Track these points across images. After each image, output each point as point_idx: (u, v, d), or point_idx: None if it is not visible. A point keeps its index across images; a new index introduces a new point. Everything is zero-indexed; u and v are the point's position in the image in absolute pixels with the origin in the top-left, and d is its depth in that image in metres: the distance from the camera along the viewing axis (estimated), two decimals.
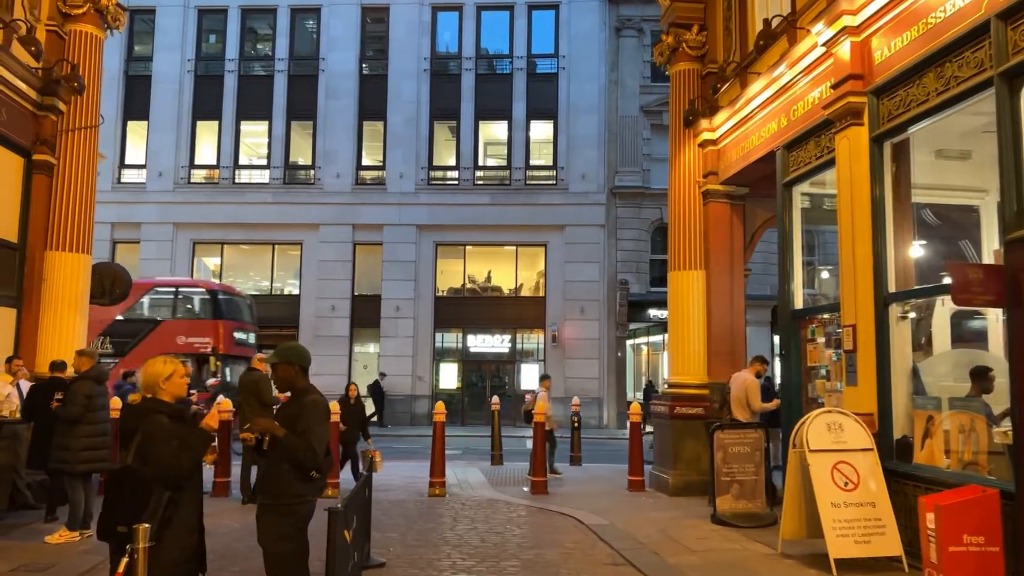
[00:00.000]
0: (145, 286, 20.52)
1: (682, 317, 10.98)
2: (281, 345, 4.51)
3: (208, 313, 19.94)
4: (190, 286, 21.29)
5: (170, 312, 20.09)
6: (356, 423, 10.95)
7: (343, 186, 25.67)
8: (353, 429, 10.89)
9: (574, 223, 24.96)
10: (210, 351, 19.45)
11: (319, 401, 4.33)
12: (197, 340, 19.44)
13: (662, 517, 8.92)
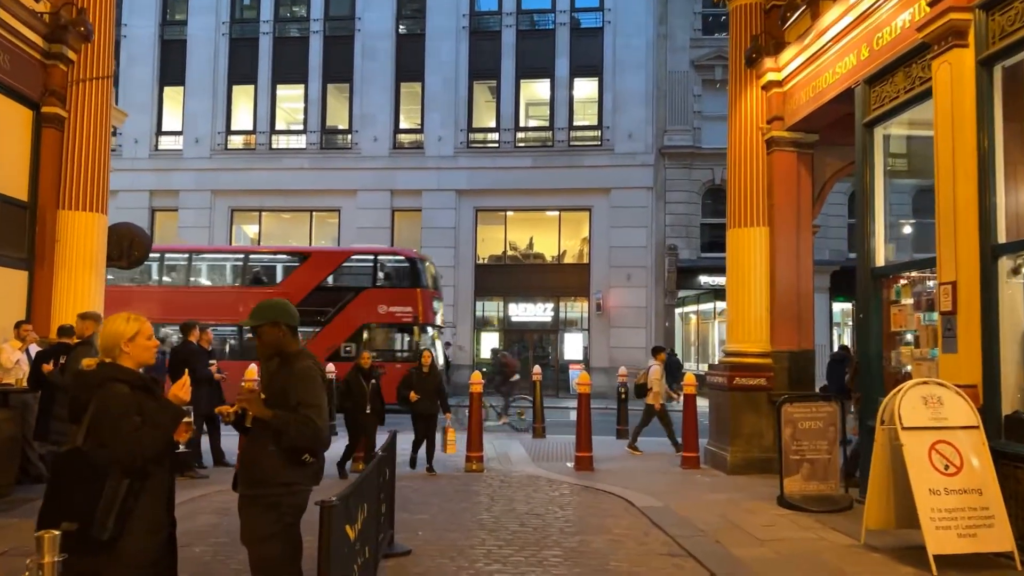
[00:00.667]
0: (343, 253, 20.20)
1: (742, 279, 9.96)
2: (261, 303, 3.70)
3: (408, 281, 19.24)
4: (389, 253, 20.60)
5: (369, 280, 19.40)
6: (431, 394, 9.67)
7: (380, 150, 24.93)
8: (428, 401, 9.60)
9: (620, 186, 23.82)
10: (412, 320, 18.89)
11: (313, 367, 3.53)
12: (399, 309, 18.85)
13: (721, 499, 8.02)
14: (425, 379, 9.64)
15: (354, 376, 9.45)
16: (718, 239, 23.77)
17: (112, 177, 24.88)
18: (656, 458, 10.88)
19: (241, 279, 20.05)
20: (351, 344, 18.57)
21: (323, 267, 19.46)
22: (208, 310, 18.96)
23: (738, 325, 9.99)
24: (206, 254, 21.77)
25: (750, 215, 9.95)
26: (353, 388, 9.39)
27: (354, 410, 9.44)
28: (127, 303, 19.96)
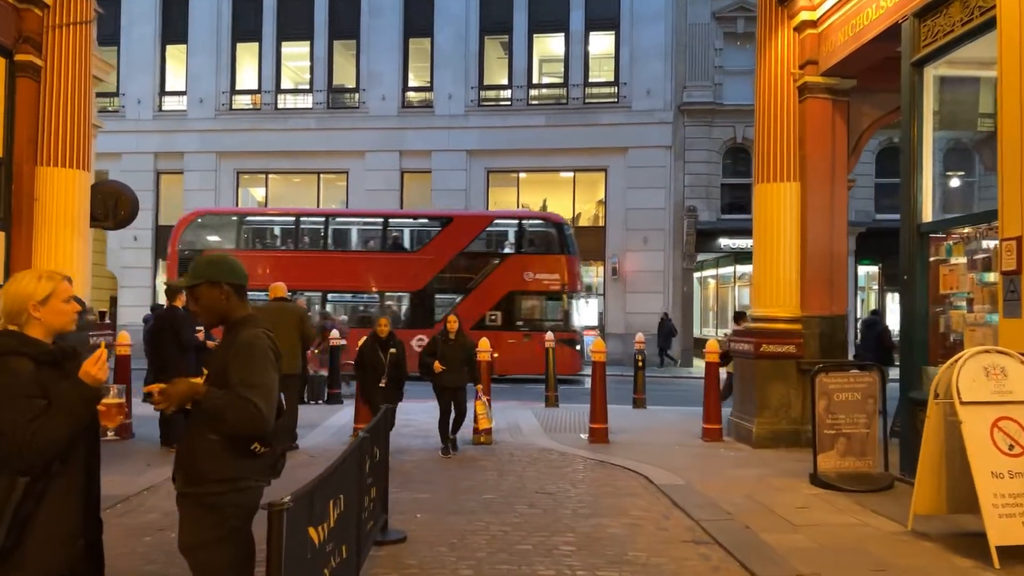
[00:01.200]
0: (486, 218, 19.56)
1: (771, 239, 9.21)
2: (199, 259, 3.05)
3: (555, 247, 18.65)
4: (533, 218, 19.97)
5: (514, 246, 18.86)
6: (458, 364, 8.48)
7: (389, 109, 24.11)
8: (454, 372, 8.43)
9: (637, 145, 22.91)
10: (560, 288, 18.34)
11: (260, 338, 2.88)
12: (546, 277, 18.26)
13: (748, 476, 7.41)
14: (451, 347, 8.50)
15: (370, 345, 8.44)
16: (739, 200, 22.95)
17: (116, 139, 24.53)
18: (676, 430, 10.27)
19: (381, 244, 19.38)
20: (496, 312, 17.96)
21: (466, 232, 18.83)
22: (345, 277, 18.53)
23: (765, 288, 9.27)
24: (342, 217, 21.13)
25: (780, 169, 9.16)
26: (367, 358, 8.42)
27: (368, 383, 8.48)
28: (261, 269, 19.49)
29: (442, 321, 9.04)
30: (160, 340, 8.65)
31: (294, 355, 8.57)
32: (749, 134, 22.62)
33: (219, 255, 3.05)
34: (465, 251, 18.44)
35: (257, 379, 2.73)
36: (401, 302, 19.08)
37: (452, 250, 18.32)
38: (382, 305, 18.77)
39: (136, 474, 7.28)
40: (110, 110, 25.25)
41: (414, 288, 18.57)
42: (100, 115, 25.33)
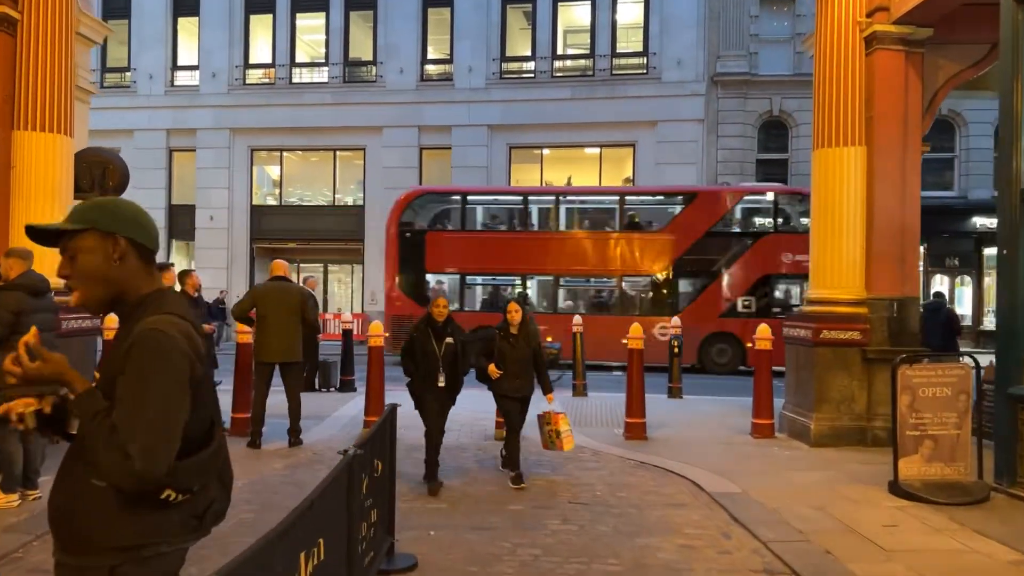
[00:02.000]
0: (735, 193, 17.79)
1: (831, 211, 8.14)
2: (81, 203, 2.08)
3: None
4: (789, 192, 18.12)
5: (770, 223, 17.25)
6: (523, 365, 6.50)
7: (407, 83, 23.10)
8: (518, 377, 6.47)
9: (668, 118, 21.71)
10: None
11: (165, 332, 1.83)
12: (806, 258, 16.69)
13: (813, 482, 6.42)
14: (515, 344, 6.44)
15: (422, 331, 6.30)
16: (775, 176, 21.71)
17: (127, 115, 23.75)
18: (720, 424, 9.28)
19: (617, 224, 17.94)
20: (749, 298, 16.58)
21: (712, 209, 17.27)
22: (580, 260, 17.51)
23: (825, 267, 8.22)
24: (575, 196, 19.71)
25: (843, 132, 8.06)
26: (418, 349, 6.28)
27: (419, 382, 6.38)
28: (489, 252, 18.75)
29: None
30: None
31: (293, 341, 7.70)
32: (786, 106, 21.40)
33: (110, 198, 2.08)
34: (712, 230, 16.86)
35: (141, 409, 1.73)
36: (639, 287, 17.62)
37: (697, 229, 16.76)
38: (622, 293, 17.41)
39: None
40: (121, 85, 24.57)
41: (655, 271, 17.15)
42: (111, 90, 24.87)
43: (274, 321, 7.64)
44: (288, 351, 7.66)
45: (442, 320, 6.32)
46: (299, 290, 7.81)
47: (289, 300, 7.69)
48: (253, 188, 24.24)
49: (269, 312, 7.65)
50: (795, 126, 21.57)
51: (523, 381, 6.50)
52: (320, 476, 6.49)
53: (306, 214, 24.33)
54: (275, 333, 7.63)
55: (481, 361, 6.59)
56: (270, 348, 7.66)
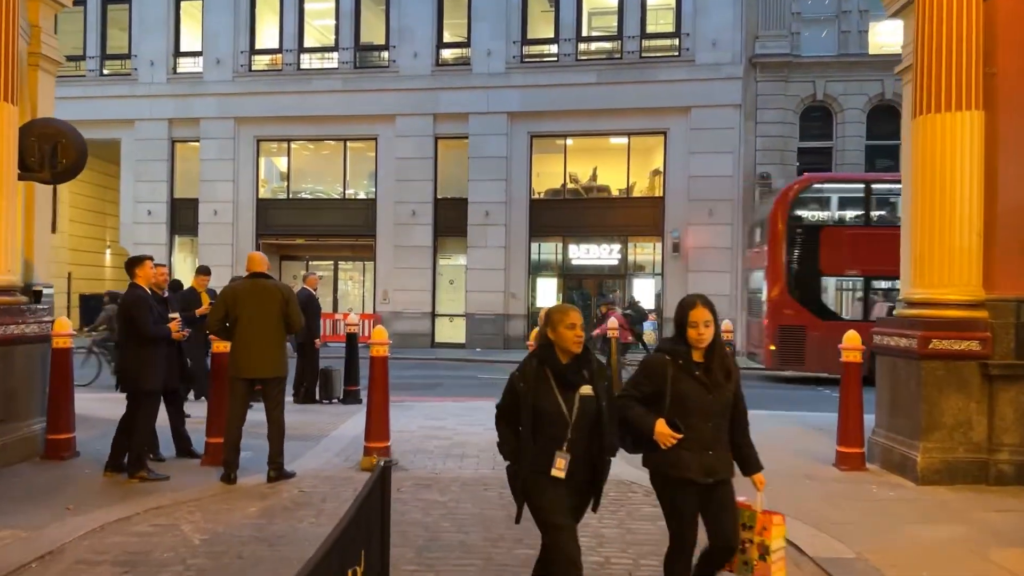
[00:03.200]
0: None
1: (937, 190, 6.58)
2: None
3: None
4: None
5: None
6: (716, 421, 3.43)
7: (421, 68, 21.68)
8: (711, 444, 3.42)
9: (702, 103, 20.14)
10: None
11: None
12: None
13: (945, 540, 4.90)
14: (706, 382, 3.44)
15: (533, 375, 3.38)
16: (817, 165, 20.09)
17: (128, 105, 22.46)
18: (790, 448, 7.74)
19: None
20: None
21: None
22: None
23: (929, 260, 6.66)
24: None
25: (954, 93, 6.51)
26: (526, 408, 3.36)
27: (529, 466, 3.39)
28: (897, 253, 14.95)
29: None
30: (120, 332, 6.44)
31: (274, 352, 6.25)
32: (831, 90, 19.78)
33: None
34: None
35: None
36: None
37: None
38: None
39: (42, 524, 5.03)
40: (122, 73, 23.38)
41: None
42: (111, 78, 23.67)
43: (249, 328, 6.20)
44: (267, 364, 6.22)
45: (575, 353, 3.35)
46: (279, 289, 6.36)
47: (267, 302, 6.24)
48: (259, 181, 22.97)
49: (242, 317, 6.21)
50: (840, 111, 19.91)
51: (718, 453, 3.43)
52: (302, 529, 5.06)
53: (315, 208, 23.00)
54: (251, 343, 6.19)
55: (637, 413, 3.43)
56: (245, 361, 6.21)
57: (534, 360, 3.41)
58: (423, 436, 8.28)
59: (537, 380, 3.34)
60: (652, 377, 3.47)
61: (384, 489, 2.88)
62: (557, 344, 3.35)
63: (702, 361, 3.43)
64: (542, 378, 3.34)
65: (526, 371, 3.39)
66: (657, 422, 3.36)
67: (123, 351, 6.37)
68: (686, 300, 3.52)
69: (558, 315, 3.38)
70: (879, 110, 19.93)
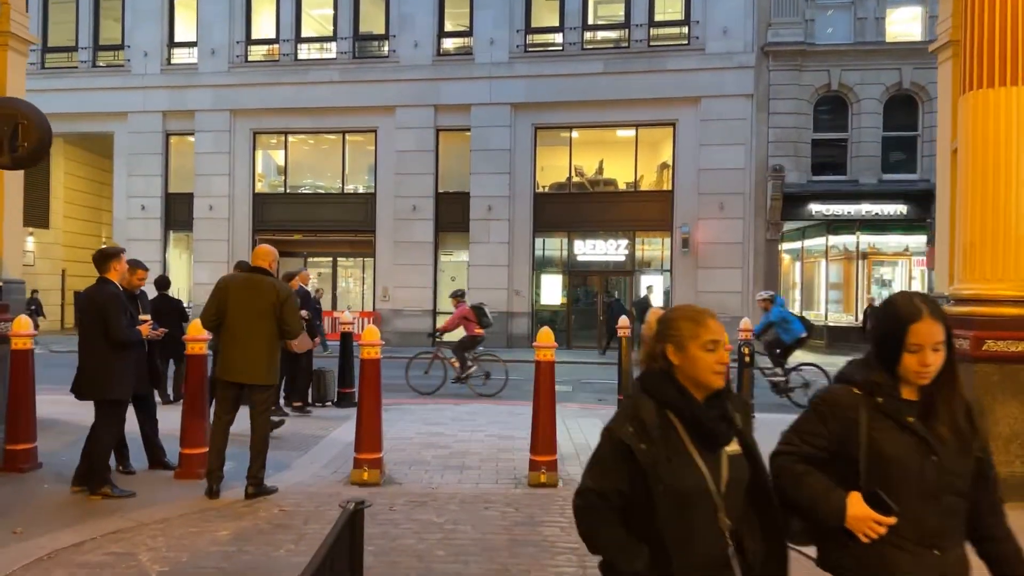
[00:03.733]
0: None
1: (990, 172, 5.93)
2: None
3: None
4: None
5: None
6: (949, 502, 2.03)
7: (422, 58, 21.03)
8: (937, 533, 2.01)
9: (712, 94, 19.47)
10: None
11: None
12: None
13: None
14: (932, 439, 2.03)
15: (655, 422, 2.00)
16: (833, 160, 19.44)
17: (121, 96, 21.80)
18: None
19: None
20: None
21: None
22: None
23: (980, 251, 6.01)
24: None
25: (1009, 66, 5.85)
26: (641, 485, 1.98)
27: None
28: None
29: None
30: (85, 332, 5.74)
31: (263, 356, 5.62)
32: (847, 79, 19.08)
33: None
34: None
35: None
36: None
37: None
38: None
39: None
40: (114, 64, 22.75)
41: None
42: (104, 70, 23.03)
43: (237, 327, 5.57)
44: (255, 369, 5.58)
45: (716, 388, 2.06)
46: (275, 286, 5.72)
47: (259, 300, 5.60)
48: (256, 175, 22.34)
49: (231, 312, 5.59)
50: (856, 102, 19.20)
51: (950, 553, 2.05)
52: (278, 558, 4.41)
53: (313, 203, 22.37)
54: (239, 344, 5.56)
55: (815, 484, 2.08)
56: (230, 362, 5.60)
57: (648, 402, 2.03)
58: (420, 444, 7.65)
59: (665, 437, 1.99)
60: (833, 424, 2.08)
61: (354, 538, 2.23)
62: (686, 373, 2.04)
63: (919, 401, 2.07)
64: (670, 433, 2.00)
65: (644, 421, 1.99)
66: (849, 499, 2.00)
67: (88, 354, 5.66)
68: (902, 304, 2.06)
69: (689, 326, 2.04)
70: (896, 100, 19.23)
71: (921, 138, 19.18)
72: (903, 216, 19.02)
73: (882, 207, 19.02)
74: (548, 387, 6.20)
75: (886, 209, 19.02)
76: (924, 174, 19.05)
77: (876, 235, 19.82)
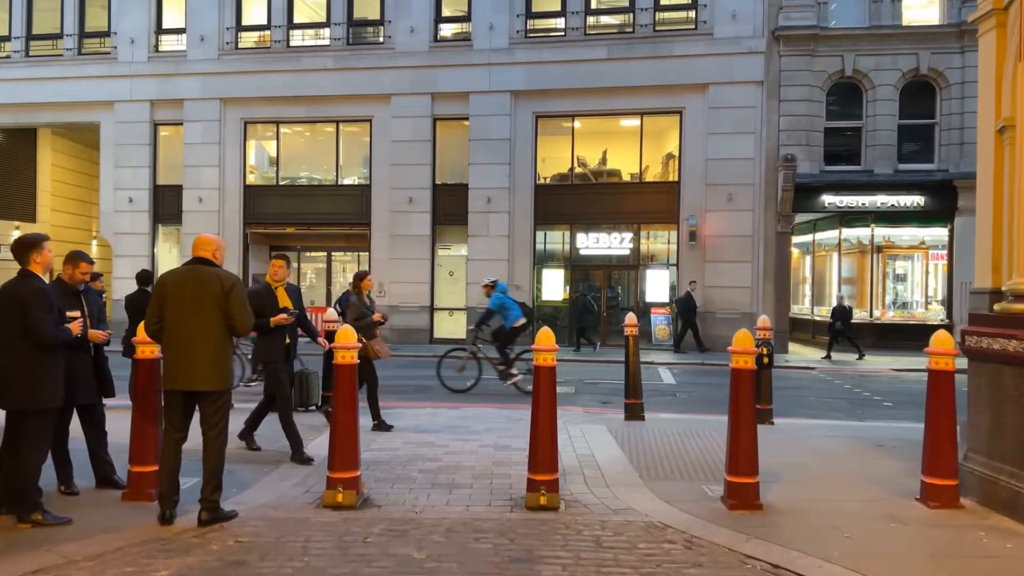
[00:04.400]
0: None
1: None
2: None
3: None
4: None
5: None
6: None
7: (419, 44, 20.22)
8: None
9: (721, 80, 18.66)
10: None
11: None
12: None
13: None
14: None
15: None
16: (847, 148, 18.64)
17: (107, 85, 20.97)
18: (855, 474, 6.34)
19: None
20: None
21: None
22: None
23: None
24: None
25: None
26: None
27: None
28: None
29: None
30: (2, 332, 4.94)
31: (209, 357, 4.87)
32: (861, 65, 18.28)
33: None
34: None
35: None
36: None
37: None
38: None
39: None
40: (100, 52, 21.98)
41: None
42: (89, 57, 22.22)
43: (178, 327, 4.84)
44: (202, 373, 4.84)
45: None
46: (219, 278, 4.96)
47: (201, 294, 4.86)
48: (247, 166, 21.58)
49: (169, 311, 4.86)
50: (871, 88, 18.39)
51: None
52: None
53: (306, 195, 21.58)
54: (181, 345, 4.82)
55: None
56: (175, 369, 4.86)
57: None
58: (407, 457, 6.90)
59: None
60: None
61: None
62: None
63: None
64: None
65: None
66: None
67: (7, 357, 4.80)
68: None
69: None
70: (913, 87, 18.40)
71: (939, 126, 18.36)
72: (920, 208, 18.21)
73: (898, 198, 18.21)
74: (548, 396, 5.43)
75: (902, 200, 18.21)
76: (942, 164, 18.25)
77: (892, 227, 19.02)
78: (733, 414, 5.38)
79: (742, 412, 5.36)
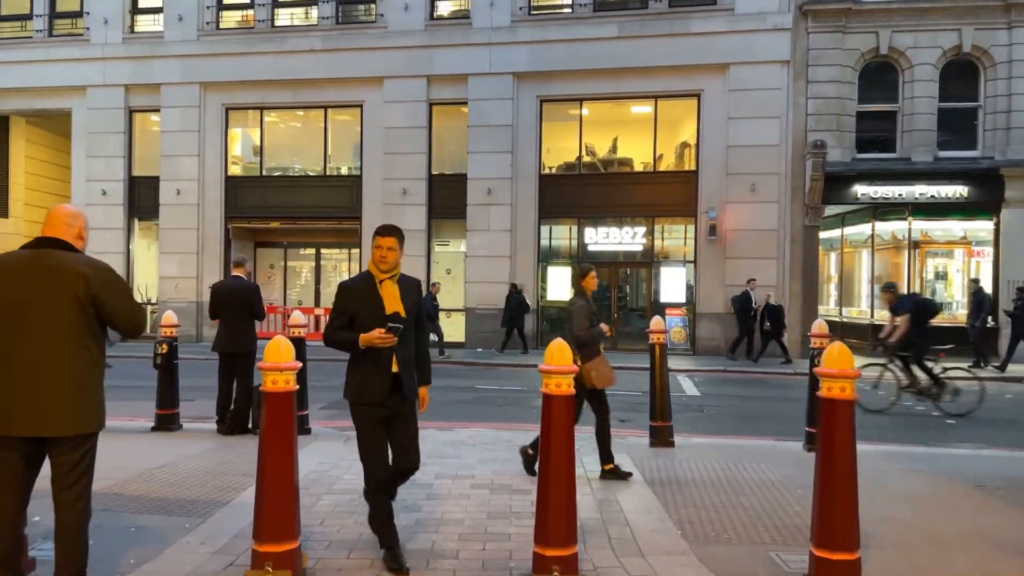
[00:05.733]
0: None
1: None
2: None
3: None
4: None
5: None
6: None
7: (413, 23, 18.67)
8: None
9: (743, 60, 17.06)
10: None
11: None
12: None
13: None
14: None
15: None
16: (881, 135, 17.01)
17: (79, 69, 19.09)
18: (962, 530, 4.76)
19: None
20: None
21: None
22: None
23: None
24: None
25: None
26: None
27: None
28: None
29: None
30: None
31: (64, 383, 3.36)
32: (898, 42, 16.67)
33: None
34: None
35: None
36: None
37: None
38: None
39: None
40: (72, 33, 20.47)
41: None
42: (61, 39, 20.56)
43: (13, 340, 3.26)
44: (55, 409, 3.26)
45: None
46: (79, 267, 3.38)
47: (52, 291, 3.30)
48: (228, 155, 20.06)
49: (2, 317, 3.29)
50: (909, 67, 16.77)
51: None
52: None
53: (292, 186, 20.04)
54: (17, 369, 3.24)
55: None
56: (8, 405, 3.26)
57: None
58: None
59: None
60: None
61: None
62: None
63: None
64: None
65: None
66: None
67: None
68: None
69: None
70: (954, 66, 16.80)
71: (983, 109, 16.74)
72: (963, 199, 16.59)
73: (939, 188, 16.58)
74: (562, 438, 3.85)
75: (943, 191, 16.59)
76: (987, 151, 16.64)
77: (931, 220, 17.38)
78: (825, 464, 3.80)
79: (838, 461, 3.78)
